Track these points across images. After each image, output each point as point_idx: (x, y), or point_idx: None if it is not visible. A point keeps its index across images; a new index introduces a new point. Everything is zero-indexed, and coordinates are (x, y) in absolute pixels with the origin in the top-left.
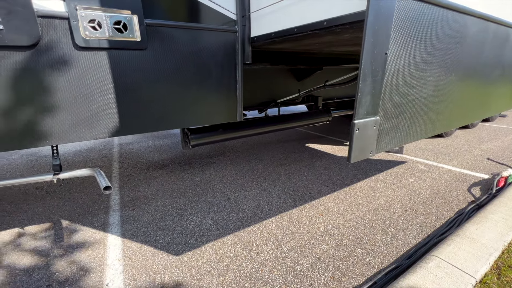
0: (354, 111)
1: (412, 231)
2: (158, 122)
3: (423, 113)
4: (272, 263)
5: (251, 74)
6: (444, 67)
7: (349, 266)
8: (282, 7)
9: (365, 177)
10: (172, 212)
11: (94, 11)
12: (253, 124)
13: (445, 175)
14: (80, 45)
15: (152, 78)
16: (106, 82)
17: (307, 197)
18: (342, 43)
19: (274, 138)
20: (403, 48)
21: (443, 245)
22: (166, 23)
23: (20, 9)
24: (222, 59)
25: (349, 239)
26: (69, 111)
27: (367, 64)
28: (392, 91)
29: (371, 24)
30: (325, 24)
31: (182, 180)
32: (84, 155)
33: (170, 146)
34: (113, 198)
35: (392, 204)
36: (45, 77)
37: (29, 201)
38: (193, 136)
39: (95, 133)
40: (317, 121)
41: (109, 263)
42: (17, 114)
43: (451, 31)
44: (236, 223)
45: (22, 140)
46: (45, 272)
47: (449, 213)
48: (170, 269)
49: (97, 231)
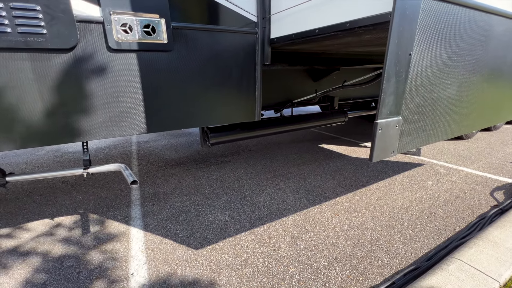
0: (377, 111)
1: (431, 234)
2: (181, 121)
3: (445, 114)
4: (289, 260)
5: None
6: (469, 68)
7: (367, 266)
8: (302, 9)
9: (381, 178)
10: (190, 208)
11: (126, 16)
12: (270, 123)
13: (465, 178)
14: (113, 48)
15: (176, 78)
16: (135, 82)
17: (322, 197)
18: (361, 43)
19: (287, 138)
20: (428, 49)
21: (464, 248)
22: (191, 26)
23: (61, 15)
24: (242, 60)
25: (366, 239)
26: (101, 109)
27: (391, 64)
28: (415, 92)
29: (397, 25)
30: (348, 25)
31: (198, 178)
32: (104, 152)
33: (186, 144)
34: (134, 194)
35: (410, 206)
36: (81, 77)
37: (57, 194)
38: (212, 134)
39: (123, 130)
40: (333, 122)
41: (133, 254)
42: (56, 112)
43: (476, 31)
44: (253, 220)
45: (58, 136)
46: (75, 260)
47: (470, 216)
48: (191, 262)
49: (120, 224)
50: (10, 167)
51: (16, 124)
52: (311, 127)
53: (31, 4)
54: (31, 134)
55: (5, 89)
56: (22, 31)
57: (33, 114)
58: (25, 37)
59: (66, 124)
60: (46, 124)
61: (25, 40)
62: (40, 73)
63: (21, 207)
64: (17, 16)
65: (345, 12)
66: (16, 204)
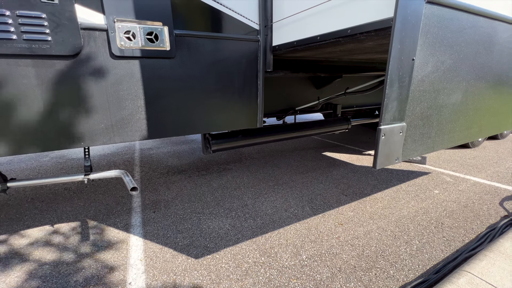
0: (380, 117)
1: (439, 245)
2: (183, 127)
3: (451, 121)
4: (291, 271)
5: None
6: (474, 74)
7: (372, 278)
8: (304, 16)
9: (386, 187)
10: (191, 215)
11: (129, 23)
12: (272, 130)
13: (473, 187)
14: (116, 54)
15: (178, 85)
16: (137, 89)
17: (325, 206)
18: (363, 50)
19: (290, 146)
20: (431, 54)
21: (474, 260)
22: (193, 33)
23: (66, 23)
24: (244, 67)
25: (371, 250)
26: (103, 115)
27: (393, 69)
28: (419, 97)
29: (399, 31)
30: (349, 32)
31: (200, 185)
32: (108, 159)
33: (188, 152)
34: (135, 200)
35: (416, 216)
36: (84, 84)
37: (58, 201)
38: (214, 141)
39: (125, 136)
40: (336, 129)
41: (132, 263)
42: (58, 117)
43: (480, 37)
44: (254, 229)
45: (60, 141)
46: (72, 267)
47: (480, 227)
48: (190, 272)
49: (120, 231)
50: (14, 173)
51: (19, 129)
52: (314, 134)
53: (37, 12)
54: (34, 139)
55: (9, 94)
56: (28, 38)
57: (36, 119)
58: (30, 44)
59: (68, 130)
60: (48, 129)
61: (30, 46)
62: (44, 79)
63: (22, 214)
64: (23, 24)
65: (346, 18)
66: (17, 210)
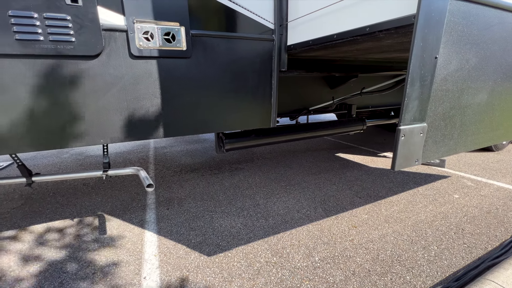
0: (400, 117)
1: (459, 252)
2: (198, 126)
3: (475, 122)
4: (303, 272)
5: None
6: (501, 73)
7: (387, 283)
8: (320, 15)
9: (402, 190)
10: (203, 214)
11: (148, 24)
12: (285, 131)
13: (497, 192)
14: (135, 54)
15: (194, 84)
16: (154, 88)
17: (339, 208)
18: (381, 49)
19: (302, 147)
20: (455, 52)
21: (498, 269)
22: (209, 33)
23: (89, 24)
24: (259, 66)
25: (386, 254)
26: (121, 113)
27: (415, 68)
28: (442, 97)
29: (421, 28)
30: (368, 30)
31: (212, 184)
32: (124, 156)
33: (201, 151)
34: (149, 197)
35: (435, 220)
36: (104, 83)
37: (78, 196)
38: (227, 140)
39: (142, 134)
40: (350, 130)
41: (146, 258)
42: (80, 115)
43: (509, 34)
44: (266, 229)
45: (81, 138)
46: (91, 259)
47: (504, 235)
48: (202, 269)
49: (135, 227)
50: (38, 168)
51: (45, 126)
52: (328, 134)
53: (63, 14)
54: (58, 137)
55: (36, 93)
56: (54, 39)
57: (59, 116)
58: (56, 44)
59: (88, 127)
60: (70, 126)
61: (56, 47)
62: (67, 78)
63: (44, 207)
64: (49, 25)
65: (364, 16)
66: (40, 204)
